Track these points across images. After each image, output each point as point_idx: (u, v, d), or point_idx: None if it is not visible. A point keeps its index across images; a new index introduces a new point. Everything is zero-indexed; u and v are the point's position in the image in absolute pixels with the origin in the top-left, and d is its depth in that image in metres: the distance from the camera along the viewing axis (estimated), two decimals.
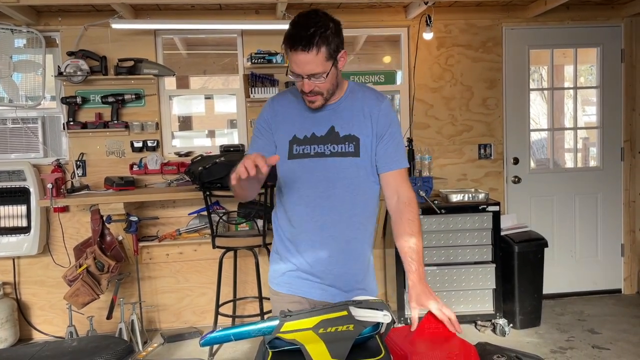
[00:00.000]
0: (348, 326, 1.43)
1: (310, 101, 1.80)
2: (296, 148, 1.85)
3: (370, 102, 1.87)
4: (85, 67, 4.04)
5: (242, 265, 4.29)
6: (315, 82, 1.74)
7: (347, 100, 1.87)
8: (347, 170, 1.84)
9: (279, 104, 1.93)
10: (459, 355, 1.48)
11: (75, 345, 1.52)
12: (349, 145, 1.83)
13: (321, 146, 1.84)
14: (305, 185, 1.85)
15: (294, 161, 1.85)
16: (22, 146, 4.23)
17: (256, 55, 4.18)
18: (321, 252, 1.88)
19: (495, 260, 3.98)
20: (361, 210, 1.89)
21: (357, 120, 1.85)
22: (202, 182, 3.67)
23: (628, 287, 4.83)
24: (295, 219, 1.89)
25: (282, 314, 1.52)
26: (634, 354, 3.61)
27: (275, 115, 1.90)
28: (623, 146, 4.75)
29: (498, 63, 4.59)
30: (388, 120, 1.87)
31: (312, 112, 1.86)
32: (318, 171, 1.84)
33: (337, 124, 1.85)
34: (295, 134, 1.86)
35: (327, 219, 1.85)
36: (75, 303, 3.73)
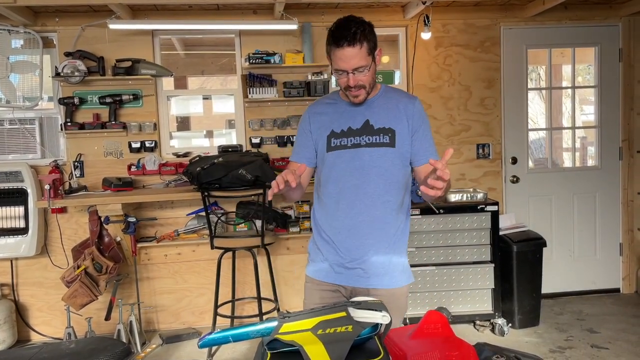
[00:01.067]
0: (347, 327, 1.43)
1: (355, 95, 1.97)
2: (334, 141, 2.03)
3: (404, 100, 2.05)
4: (82, 67, 4.03)
5: (240, 266, 4.28)
6: (359, 76, 1.91)
7: (381, 99, 2.05)
8: (382, 159, 1.99)
9: (315, 109, 2.13)
10: (458, 356, 1.47)
11: (73, 347, 1.52)
12: (384, 137, 1.99)
13: (357, 138, 2.00)
14: (342, 174, 2.01)
15: (333, 153, 2.02)
16: (20, 147, 4.22)
17: (254, 56, 4.17)
18: (355, 239, 2.02)
19: (494, 260, 3.98)
20: (394, 197, 2.02)
21: (393, 114, 2.02)
22: (200, 182, 3.66)
23: (627, 286, 4.83)
24: (331, 208, 2.05)
25: (281, 315, 1.51)
26: (633, 353, 3.61)
27: (313, 118, 2.10)
28: (621, 145, 4.76)
29: (496, 63, 4.59)
30: (421, 117, 2.05)
31: (347, 109, 2.05)
32: (355, 160, 1.99)
33: (372, 117, 2.01)
34: (333, 129, 2.04)
35: (361, 204, 2.00)
36: (74, 304, 3.72)
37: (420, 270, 3.93)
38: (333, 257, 2.06)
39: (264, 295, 3.95)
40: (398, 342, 1.58)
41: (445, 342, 1.56)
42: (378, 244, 2.02)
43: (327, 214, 2.07)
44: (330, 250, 2.07)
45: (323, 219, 2.09)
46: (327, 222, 2.07)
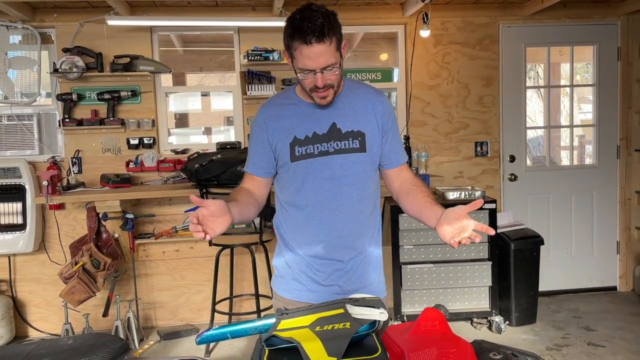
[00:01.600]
0: (345, 324, 1.43)
1: (323, 97, 1.75)
2: (298, 149, 1.79)
3: (371, 97, 1.87)
4: (80, 63, 4.02)
5: (238, 263, 4.28)
6: (328, 74, 1.69)
7: (346, 97, 1.84)
8: (353, 167, 1.81)
9: (270, 110, 1.87)
10: (455, 353, 1.48)
11: (70, 343, 1.52)
12: (354, 142, 1.81)
13: (324, 144, 1.79)
14: (311, 186, 1.81)
15: (298, 163, 1.80)
16: (18, 143, 4.21)
17: (253, 53, 4.17)
18: (331, 255, 1.85)
19: (491, 258, 3.99)
20: (367, 206, 1.88)
21: (361, 115, 1.83)
22: (198, 179, 3.66)
23: (623, 284, 4.84)
24: (300, 222, 1.85)
25: (279, 312, 1.52)
26: (629, 351, 3.62)
27: (269, 120, 1.84)
28: (619, 144, 4.76)
29: (495, 61, 4.59)
30: (391, 116, 1.89)
31: (310, 110, 1.82)
32: (324, 170, 1.79)
33: (338, 120, 1.81)
34: (296, 135, 1.80)
35: (335, 218, 1.82)
36: (71, 300, 3.72)
37: (418, 268, 3.94)
38: (305, 275, 1.87)
39: (262, 292, 3.95)
40: (396, 339, 1.58)
41: (443, 339, 1.56)
42: (355, 259, 1.87)
43: (296, 229, 1.87)
44: (302, 267, 1.87)
45: (291, 234, 1.88)
46: (296, 238, 1.87)
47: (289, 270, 1.91)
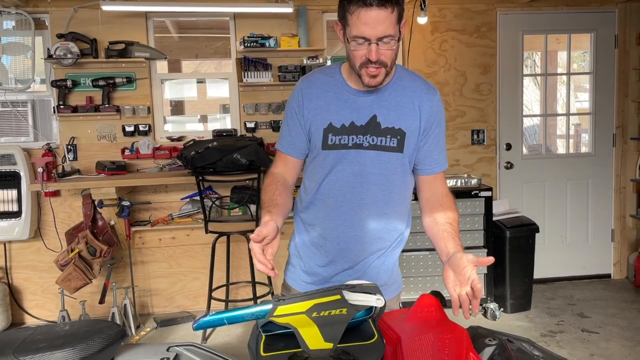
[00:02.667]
0: (341, 310, 1.43)
1: (373, 75, 1.57)
2: (332, 138, 1.67)
3: (421, 93, 1.69)
4: (75, 49, 3.99)
5: (235, 250, 4.28)
6: (384, 48, 1.53)
7: (394, 88, 1.68)
8: (385, 166, 1.67)
9: (310, 86, 1.72)
10: (451, 338, 1.48)
11: (67, 329, 1.52)
12: (392, 140, 1.66)
13: (360, 137, 1.65)
14: (337, 178, 1.69)
15: (329, 152, 1.68)
16: (12, 130, 4.19)
17: (249, 39, 4.14)
18: (343, 252, 1.77)
19: (487, 245, 4.01)
20: (393, 209, 1.74)
21: (405, 112, 1.67)
22: (194, 166, 3.65)
23: (617, 272, 4.88)
24: (319, 215, 1.75)
25: (276, 298, 1.52)
26: (623, 337, 3.66)
27: (307, 99, 1.71)
28: (615, 132, 4.77)
29: (492, 48, 4.58)
30: (438, 116, 1.70)
31: (351, 97, 1.68)
32: (353, 164, 1.67)
33: (380, 113, 1.66)
34: (332, 122, 1.67)
35: (355, 217, 1.71)
36: (68, 287, 3.72)
37: (414, 255, 3.95)
38: (318, 268, 1.80)
39: (258, 279, 3.96)
40: (392, 325, 1.59)
41: (439, 325, 1.57)
42: (369, 260, 1.77)
43: (315, 218, 1.76)
44: (313, 258, 1.80)
45: (309, 220, 1.79)
46: (314, 226, 1.78)
47: (300, 261, 1.85)
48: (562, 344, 3.56)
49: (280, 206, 1.64)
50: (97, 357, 1.41)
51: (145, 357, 1.54)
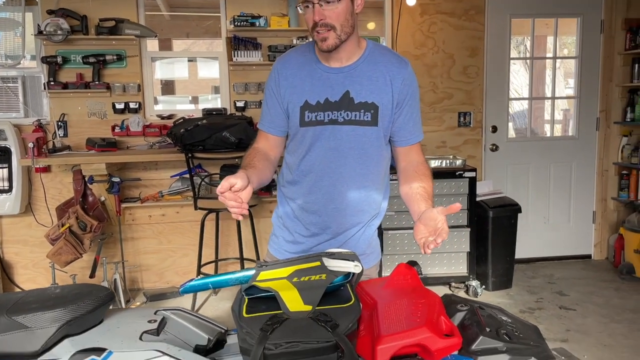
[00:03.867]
0: (320, 275, 1.51)
1: (322, 38, 1.62)
2: (308, 115, 1.73)
3: (392, 67, 1.73)
4: (65, 26, 4.00)
5: (224, 228, 4.36)
6: (326, 8, 1.59)
7: (366, 64, 1.73)
8: (361, 140, 1.73)
9: (285, 66, 1.79)
10: (424, 303, 1.57)
11: (58, 292, 1.58)
12: (365, 114, 1.71)
13: (335, 112, 1.71)
14: (316, 154, 1.76)
15: (307, 129, 1.74)
16: (3, 106, 4.20)
17: (239, 18, 4.17)
18: (325, 224, 1.84)
19: (470, 225, 4.11)
20: (372, 182, 1.81)
21: (377, 86, 1.71)
22: (184, 144, 3.70)
23: (598, 252, 5.01)
24: (301, 189, 1.82)
25: (259, 264, 1.59)
26: (598, 314, 3.78)
27: (283, 79, 1.77)
28: (599, 116, 4.86)
29: (480, 32, 4.63)
30: (411, 88, 1.75)
31: (324, 74, 1.74)
32: (330, 140, 1.73)
33: (353, 88, 1.71)
34: (307, 99, 1.73)
35: (334, 190, 1.78)
36: (58, 261, 3.78)
37: (399, 234, 4.04)
38: (301, 238, 1.87)
39: (247, 256, 4.04)
40: (369, 291, 1.67)
41: (414, 292, 1.66)
42: (349, 232, 1.84)
43: (298, 193, 1.84)
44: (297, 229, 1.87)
45: (291, 194, 1.86)
46: (296, 200, 1.85)
47: (283, 232, 1.91)
48: (540, 320, 3.68)
49: (257, 169, 1.69)
50: (86, 317, 1.48)
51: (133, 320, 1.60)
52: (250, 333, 1.37)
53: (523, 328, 1.64)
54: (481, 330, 1.53)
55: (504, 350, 1.50)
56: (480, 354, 1.49)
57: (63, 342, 1.42)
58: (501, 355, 1.50)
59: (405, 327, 1.45)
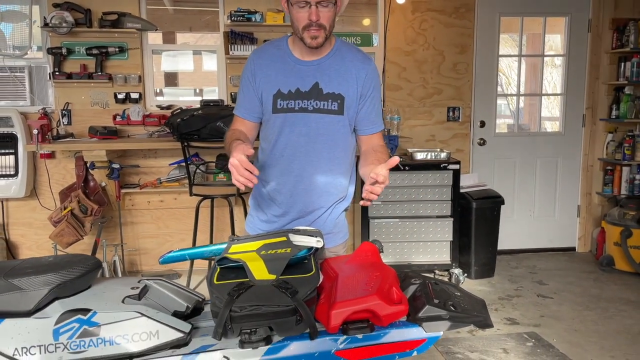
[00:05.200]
0: (286, 249, 1.69)
1: (314, 36, 1.81)
2: (280, 102, 1.90)
3: (357, 63, 1.92)
4: (70, 19, 4.18)
5: (219, 215, 4.54)
6: (322, 11, 1.78)
7: (334, 58, 1.91)
8: (329, 127, 1.90)
9: (261, 58, 1.96)
10: (378, 276, 1.74)
11: (51, 260, 1.76)
12: (332, 103, 1.89)
13: (305, 101, 1.88)
14: (287, 139, 1.92)
15: (278, 115, 1.91)
16: (10, 94, 4.40)
17: (236, 13, 4.34)
18: (295, 204, 2.00)
19: (453, 215, 4.27)
20: (337, 165, 1.98)
21: (344, 79, 1.90)
22: (180, 133, 3.88)
23: (582, 245, 5.16)
24: (274, 172, 1.98)
25: (230, 238, 1.78)
26: (574, 302, 3.94)
27: (258, 69, 1.93)
28: (585, 113, 5.00)
29: (470, 29, 4.78)
30: (373, 83, 1.94)
31: (296, 66, 1.91)
32: (300, 126, 1.90)
33: (322, 80, 1.89)
34: (280, 88, 1.90)
35: (304, 172, 1.94)
36: (60, 242, 3.99)
37: (384, 222, 4.22)
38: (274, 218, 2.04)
39: None
40: (333, 266, 1.85)
41: (372, 266, 1.83)
42: (317, 212, 2.01)
43: (271, 175, 2.00)
44: (271, 209, 2.04)
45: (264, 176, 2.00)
46: (268, 181, 2.01)
47: (258, 212, 2.09)
48: (517, 307, 3.85)
49: (245, 140, 1.87)
50: (75, 282, 1.66)
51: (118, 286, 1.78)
52: (219, 297, 1.55)
53: (470, 301, 1.81)
54: (428, 300, 1.71)
55: (447, 318, 1.67)
56: (425, 320, 1.67)
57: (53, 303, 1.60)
58: (444, 322, 1.68)
59: (357, 295, 1.63)
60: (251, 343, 1.52)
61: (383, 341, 1.62)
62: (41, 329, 1.56)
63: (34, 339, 1.56)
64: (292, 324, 1.53)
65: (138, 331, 1.57)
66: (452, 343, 3.25)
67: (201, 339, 1.64)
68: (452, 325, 1.68)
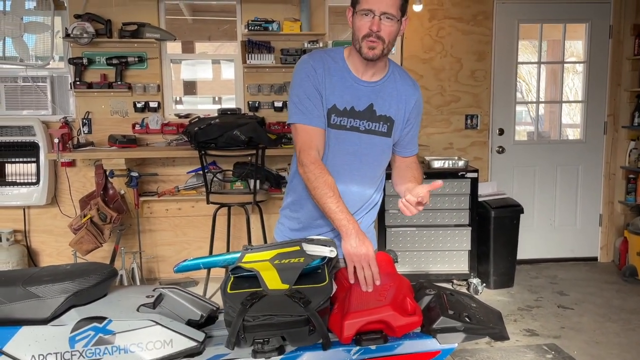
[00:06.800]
0: (299, 259, 1.69)
1: (371, 47, 1.79)
2: (334, 118, 1.89)
3: (409, 89, 1.95)
4: (91, 29, 4.26)
5: (236, 222, 4.56)
6: (385, 24, 1.76)
7: (388, 81, 1.93)
8: (375, 148, 1.93)
9: (320, 65, 1.89)
10: (393, 286, 1.73)
11: (68, 268, 1.79)
12: (383, 125, 1.92)
13: (357, 121, 1.89)
14: (334, 155, 1.91)
15: (330, 130, 1.89)
16: (32, 103, 4.49)
17: (253, 23, 4.37)
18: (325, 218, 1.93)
19: (471, 224, 4.23)
20: (374, 181, 2.02)
21: (395, 102, 1.93)
22: (197, 141, 3.91)
23: (604, 255, 5.06)
24: None
25: (244, 248, 1.78)
26: (596, 313, 3.86)
27: (321, 77, 1.87)
28: (606, 120, 4.92)
29: (488, 36, 4.74)
30: (418, 110, 1.99)
31: (354, 84, 1.90)
32: (349, 144, 1.91)
33: (376, 102, 1.90)
34: (336, 104, 1.88)
35: (346, 189, 1.92)
36: (80, 250, 4.04)
37: (401, 231, 4.19)
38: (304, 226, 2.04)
39: None
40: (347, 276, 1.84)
41: (386, 276, 1.82)
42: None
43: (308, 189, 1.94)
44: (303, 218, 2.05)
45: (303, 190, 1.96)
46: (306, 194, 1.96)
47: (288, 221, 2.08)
48: (537, 318, 3.78)
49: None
50: (92, 290, 1.68)
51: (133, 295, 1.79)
52: (232, 307, 1.55)
53: (486, 312, 1.79)
54: (443, 312, 1.69)
55: (462, 330, 1.65)
56: (439, 331, 1.65)
57: (70, 311, 1.63)
58: (458, 334, 1.66)
59: (371, 306, 1.62)
60: (264, 353, 1.52)
61: (396, 352, 1.60)
62: (57, 337, 1.58)
63: (50, 347, 1.58)
64: (305, 334, 1.53)
65: (152, 339, 1.58)
66: (470, 354, 3.21)
67: (215, 348, 1.64)
68: (466, 337, 1.66)
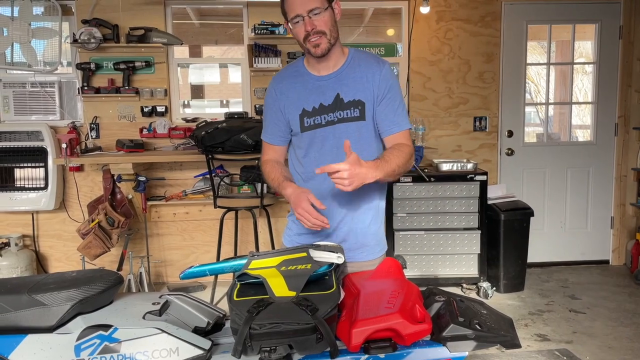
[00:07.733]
0: (306, 265, 1.66)
1: (316, 44, 1.85)
2: (307, 120, 1.94)
3: (371, 66, 1.94)
4: (98, 34, 4.27)
5: (243, 226, 4.55)
6: (315, 19, 1.81)
7: (350, 67, 1.94)
8: (353, 135, 1.90)
9: (281, 82, 2.01)
10: (402, 293, 1.70)
11: (74, 275, 1.78)
12: (354, 110, 1.92)
13: (330, 114, 1.92)
14: (317, 155, 1.95)
15: (307, 133, 1.95)
16: (40, 108, 4.50)
17: (260, 26, 4.36)
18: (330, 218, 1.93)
19: (480, 227, 4.18)
20: None
21: (361, 85, 1.92)
22: (204, 145, 3.90)
23: (616, 258, 4.99)
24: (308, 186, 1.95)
25: (251, 254, 1.76)
26: (608, 318, 3.81)
27: (280, 94, 1.98)
28: (617, 122, 4.86)
29: (496, 38, 4.70)
30: (387, 84, 1.93)
31: (316, 83, 1.95)
32: (331, 139, 1.93)
33: (342, 90, 1.92)
34: (304, 107, 1.94)
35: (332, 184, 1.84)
36: (88, 254, 4.04)
37: (410, 235, 4.16)
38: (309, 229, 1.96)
39: None
40: (355, 282, 1.82)
41: (395, 283, 1.79)
42: (351, 222, 1.99)
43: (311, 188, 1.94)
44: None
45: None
46: None
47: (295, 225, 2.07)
48: (548, 322, 3.73)
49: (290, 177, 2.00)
50: (97, 297, 1.67)
51: (139, 302, 1.78)
52: (238, 314, 1.53)
53: (497, 319, 1.75)
54: (453, 319, 1.66)
55: (472, 337, 1.62)
56: (450, 339, 1.62)
57: (75, 319, 1.61)
58: (469, 342, 1.63)
59: (379, 313, 1.59)
60: None
61: None
62: (63, 345, 1.57)
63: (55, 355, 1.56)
64: (312, 342, 1.51)
65: (158, 348, 1.57)
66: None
67: (221, 356, 1.62)
68: (477, 345, 1.63)
